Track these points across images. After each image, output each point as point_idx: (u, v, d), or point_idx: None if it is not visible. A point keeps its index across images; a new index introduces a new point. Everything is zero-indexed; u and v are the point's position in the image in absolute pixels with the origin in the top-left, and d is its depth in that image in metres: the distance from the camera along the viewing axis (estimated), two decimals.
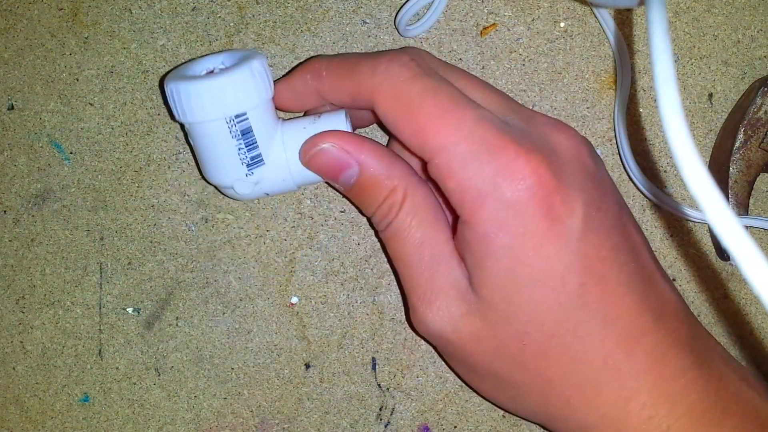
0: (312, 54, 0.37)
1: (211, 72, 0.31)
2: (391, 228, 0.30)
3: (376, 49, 0.37)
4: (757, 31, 0.37)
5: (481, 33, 0.37)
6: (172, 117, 0.32)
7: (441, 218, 0.30)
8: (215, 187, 0.33)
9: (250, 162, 0.30)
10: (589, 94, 0.37)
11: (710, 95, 0.37)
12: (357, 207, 0.31)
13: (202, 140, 0.31)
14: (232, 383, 0.37)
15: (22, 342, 0.37)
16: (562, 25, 0.37)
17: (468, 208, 0.27)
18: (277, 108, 0.32)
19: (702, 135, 0.37)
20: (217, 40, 0.36)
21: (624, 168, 0.36)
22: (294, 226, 0.37)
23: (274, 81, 0.32)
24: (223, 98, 0.29)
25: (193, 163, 0.37)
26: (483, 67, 0.37)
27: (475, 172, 0.26)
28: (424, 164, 0.29)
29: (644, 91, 0.37)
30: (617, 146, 0.36)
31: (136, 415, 0.37)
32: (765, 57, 0.37)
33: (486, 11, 0.37)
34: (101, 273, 0.37)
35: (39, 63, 0.36)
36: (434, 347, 0.35)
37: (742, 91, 0.37)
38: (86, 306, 0.37)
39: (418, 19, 0.36)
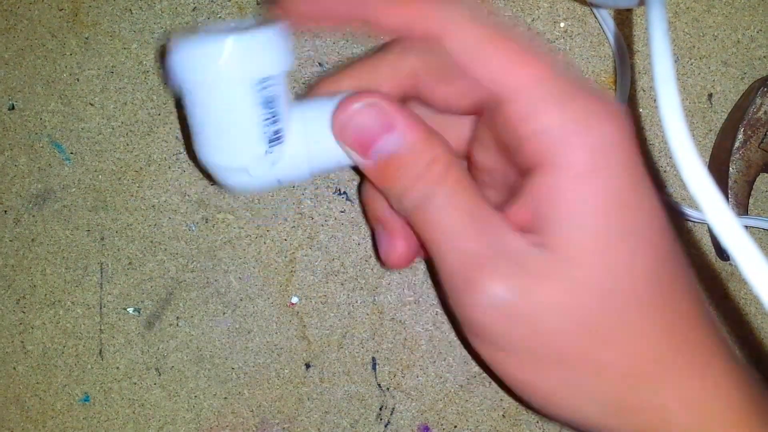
0: (312, 54, 0.37)
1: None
2: (433, 203, 0.25)
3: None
4: (757, 31, 0.37)
5: None
6: (169, 83, 0.26)
7: (481, 193, 0.26)
8: (214, 173, 0.28)
9: (272, 137, 0.26)
10: None
11: (710, 95, 0.37)
12: (384, 189, 0.27)
13: (216, 107, 0.25)
14: (232, 383, 0.37)
15: (22, 342, 0.37)
16: (562, 25, 0.37)
17: (553, 151, 0.24)
18: (289, 20, 0.27)
19: (702, 135, 0.37)
20: None
21: None
22: (294, 226, 0.37)
23: None
24: (252, 55, 0.24)
25: (194, 163, 0.37)
26: None
27: (562, 111, 0.24)
28: (479, 111, 0.26)
29: (644, 91, 0.37)
30: None
31: (137, 415, 0.37)
32: (765, 57, 0.37)
33: (486, 11, 0.37)
34: (102, 273, 0.37)
35: (39, 63, 0.37)
36: (477, 342, 0.27)
37: (741, 91, 0.37)
38: (87, 306, 0.37)
39: None
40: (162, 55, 0.30)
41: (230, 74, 0.24)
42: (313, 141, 0.27)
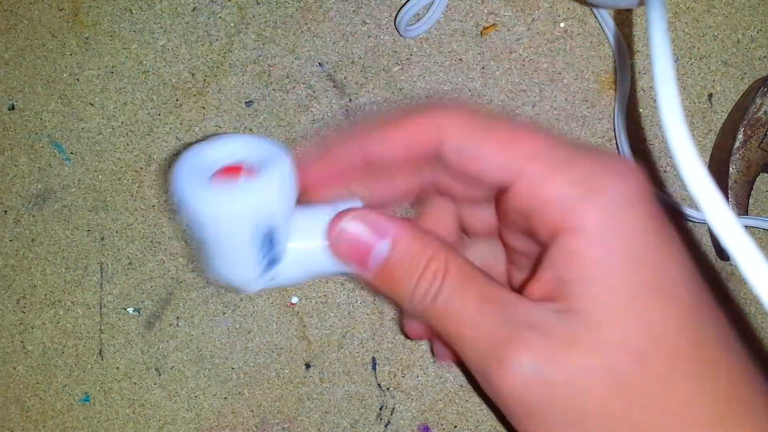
0: (312, 54, 0.37)
1: (231, 168, 0.27)
2: (441, 297, 0.25)
3: (376, 49, 0.37)
4: (757, 31, 0.37)
5: (481, 33, 0.37)
6: (177, 212, 0.27)
7: (486, 274, 0.26)
8: (216, 282, 0.30)
9: (268, 262, 0.27)
10: (589, 94, 0.37)
11: (710, 95, 0.37)
12: (389, 298, 0.28)
13: (218, 242, 0.27)
14: (232, 383, 0.37)
15: (22, 342, 0.37)
16: (562, 25, 0.37)
17: (565, 216, 0.23)
18: (304, 189, 0.28)
19: (702, 135, 0.37)
20: (217, 40, 0.36)
21: None
22: None
23: (308, 154, 0.29)
24: (252, 214, 0.26)
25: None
26: (483, 67, 0.37)
27: (567, 177, 0.24)
28: (497, 198, 0.26)
29: (644, 91, 0.37)
30: (617, 146, 0.36)
31: (137, 415, 0.37)
32: (765, 57, 0.37)
33: (486, 11, 0.37)
34: (102, 273, 0.37)
35: (40, 63, 0.37)
36: (509, 414, 0.26)
37: (741, 91, 0.37)
38: (87, 306, 0.37)
39: (418, 20, 0.36)
40: (168, 175, 0.31)
41: (232, 221, 0.26)
42: (312, 253, 0.28)
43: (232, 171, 0.27)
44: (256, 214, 0.26)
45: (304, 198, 0.29)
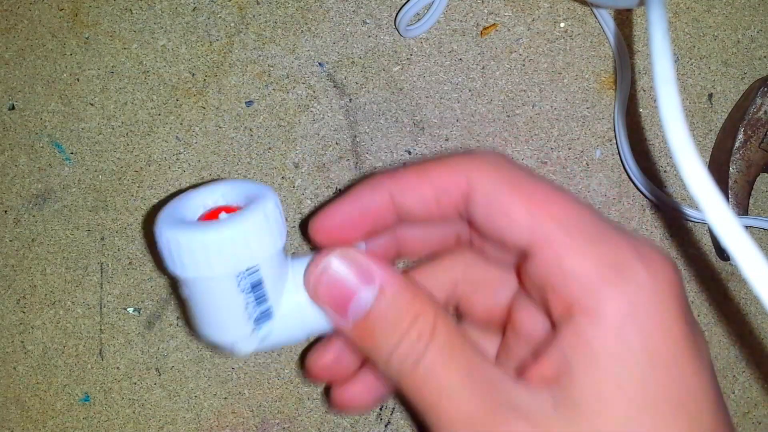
0: (312, 54, 0.37)
1: (213, 212, 0.26)
2: (424, 363, 0.23)
3: (376, 49, 0.37)
4: (757, 31, 0.37)
5: (481, 33, 0.37)
6: (163, 266, 0.26)
7: (477, 347, 0.24)
8: (208, 343, 0.28)
9: (259, 317, 0.26)
10: (589, 94, 0.37)
11: (710, 95, 0.37)
12: (367, 351, 0.25)
13: (203, 296, 0.25)
14: (232, 383, 0.37)
15: (23, 342, 0.37)
16: (562, 25, 0.37)
17: (585, 298, 0.21)
18: (323, 240, 0.26)
19: (702, 135, 0.37)
20: (217, 40, 0.36)
21: (624, 168, 0.36)
22: (294, 226, 0.37)
23: (332, 203, 0.26)
24: (234, 252, 0.24)
25: (194, 163, 0.37)
26: (483, 67, 0.37)
27: (594, 255, 0.22)
28: (517, 264, 0.25)
29: (644, 91, 0.37)
30: (617, 146, 0.36)
31: (137, 415, 0.37)
32: (765, 57, 0.37)
33: (486, 11, 0.37)
34: (102, 273, 0.37)
35: (40, 63, 0.37)
36: None
37: (742, 91, 0.37)
38: (87, 306, 0.37)
39: (418, 20, 0.36)
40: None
41: (213, 272, 0.24)
42: (306, 309, 0.26)
43: (213, 214, 0.26)
44: (237, 254, 0.24)
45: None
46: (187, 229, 0.24)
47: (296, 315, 0.26)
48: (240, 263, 0.24)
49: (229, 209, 0.26)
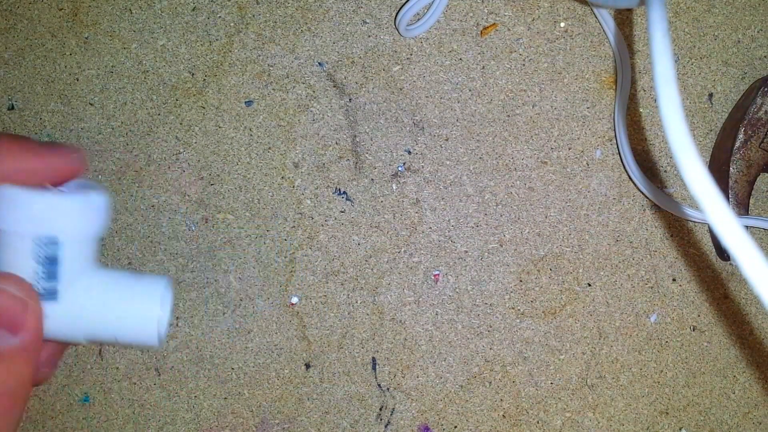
0: (312, 54, 0.37)
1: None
2: None
3: (376, 49, 0.37)
4: (757, 31, 0.37)
5: (481, 33, 0.37)
6: None
7: None
8: None
9: (44, 293, 0.27)
10: (589, 94, 0.37)
11: (710, 95, 0.37)
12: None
13: (1, 249, 0.27)
14: (232, 383, 0.37)
15: None
16: (562, 25, 0.37)
17: None
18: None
19: (702, 135, 0.37)
20: (217, 40, 0.36)
21: (624, 168, 0.36)
22: (294, 226, 0.37)
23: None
24: (40, 215, 0.26)
25: (194, 163, 0.37)
26: (483, 67, 0.37)
27: None
28: None
29: (644, 91, 0.37)
30: (617, 146, 0.36)
31: (137, 415, 0.37)
32: (765, 57, 0.37)
33: (486, 11, 0.37)
34: None
35: (39, 63, 0.36)
36: None
37: (742, 91, 0.37)
38: None
39: (418, 19, 0.36)
40: None
41: (13, 227, 0.26)
42: (88, 312, 0.27)
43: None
44: (34, 216, 0.26)
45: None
46: (8, 187, 0.26)
47: (78, 311, 0.27)
48: (37, 227, 0.26)
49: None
